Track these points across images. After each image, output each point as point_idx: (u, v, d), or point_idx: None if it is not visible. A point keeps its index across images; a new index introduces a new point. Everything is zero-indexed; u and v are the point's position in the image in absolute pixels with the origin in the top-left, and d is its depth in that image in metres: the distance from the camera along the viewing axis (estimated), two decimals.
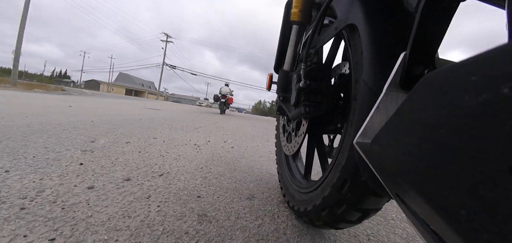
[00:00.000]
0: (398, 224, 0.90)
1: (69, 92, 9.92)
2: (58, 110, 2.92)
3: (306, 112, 0.64)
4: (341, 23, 0.58)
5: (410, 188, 0.24)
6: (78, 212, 0.65)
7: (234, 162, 1.50)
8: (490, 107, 0.16)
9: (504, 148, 0.15)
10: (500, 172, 0.15)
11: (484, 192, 0.16)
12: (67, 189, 0.78)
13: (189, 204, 0.80)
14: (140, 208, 0.72)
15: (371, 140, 0.32)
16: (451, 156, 0.19)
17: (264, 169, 1.44)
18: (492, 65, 0.17)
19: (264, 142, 2.69)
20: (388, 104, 0.32)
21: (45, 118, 2.13)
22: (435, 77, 0.23)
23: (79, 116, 2.61)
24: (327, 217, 0.58)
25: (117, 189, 0.83)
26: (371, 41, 0.47)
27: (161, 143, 1.73)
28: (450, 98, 0.20)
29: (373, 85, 0.45)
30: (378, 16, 0.49)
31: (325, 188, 0.57)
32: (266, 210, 0.85)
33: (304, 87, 0.64)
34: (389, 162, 0.27)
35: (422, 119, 0.23)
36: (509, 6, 0.21)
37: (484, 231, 0.17)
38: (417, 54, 0.33)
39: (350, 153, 0.50)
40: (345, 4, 0.58)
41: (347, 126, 0.54)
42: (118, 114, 3.31)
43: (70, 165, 1.00)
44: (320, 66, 0.67)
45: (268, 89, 1.09)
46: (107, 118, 2.74)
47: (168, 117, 3.95)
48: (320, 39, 0.71)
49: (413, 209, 0.26)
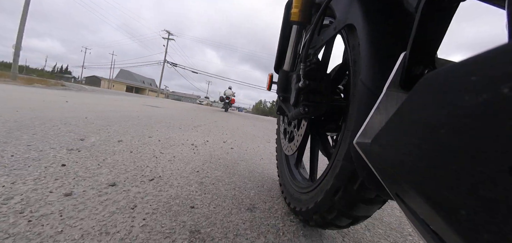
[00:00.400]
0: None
1: (68, 88, 9.79)
2: (53, 105, 2.82)
3: (305, 112, 0.64)
4: (340, 23, 0.59)
5: (410, 188, 0.24)
6: (46, 226, 0.55)
7: (233, 165, 1.40)
8: (490, 107, 0.16)
9: (504, 148, 0.15)
10: (500, 172, 0.15)
11: (484, 192, 0.16)
12: (41, 196, 0.68)
13: (181, 216, 0.70)
14: (122, 222, 0.61)
15: (371, 140, 0.31)
16: (451, 156, 0.19)
17: (266, 174, 1.33)
18: (492, 65, 0.17)
19: (265, 142, 2.58)
20: (388, 104, 0.32)
21: (37, 113, 2.03)
22: (435, 77, 0.23)
23: (74, 111, 2.50)
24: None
25: (98, 197, 0.72)
26: (369, 41, 0.48)
27: (156, 143, 1.62)
28: (450, 98, 0.20)
29: (371, 85, 0.45)
30: (376, 16, 0.49)
31: (319, 193, 0.60)
32: (270, 225, 0.74)
33: (303, 87, 0.64)
34: (389, 162, 0.27)
35: (422, 119, 0.23)
36: (509, 6, 0.21)
37: (484, 231, 0.16)
38: (417, 54, 0.33)
39: (344, 162, 0.50)
40: (344, 4, 0.58)
41: (345, 130, 0.54)
42: (115, 111, 3.19)
43: (51, 167, 0.90)
44: (319, 66, 0.68)
45: (268, 89, 1.10)
46: (103, 114, 2.63)
47: (167, 115, 3.80)
48: (320, 39, 0.71)
49: (413, 209, 0.26)
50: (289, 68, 0.83)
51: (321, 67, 0.68)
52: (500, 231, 0.16)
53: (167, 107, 6.21)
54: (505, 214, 0.15)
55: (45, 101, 3.20)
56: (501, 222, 0.15)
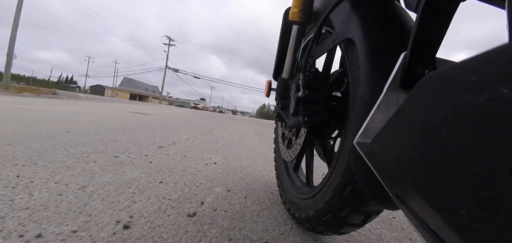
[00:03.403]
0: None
1: (59, 96, 9.33)
2: (10, 116, 2.30)
3: (305, 122, 0.64)
4: (338, 37, 0.59)
5: (410, 188, 0.24)
6: None
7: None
8: (490, 107, 0.16)
9: (504, 148, 0.15)
10: (500, 172, 0.15)
11: (484, 192, 0.16)
12: None
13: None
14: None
15: (371, 140, 0.31)
16: (451, 156, 0.19)
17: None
18: (492, 65, 0.17)
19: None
20: (389, 104, 0.32)
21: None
22: (435, 77, 0.23)
23: (21, 123, 1.96)
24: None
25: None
26: (369, 58, 0.47)
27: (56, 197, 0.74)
28: (450, 98, 0.20)
29: (371, 101, 0.44)
30: (375, 32, 0.48)
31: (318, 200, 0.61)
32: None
33: (302, 97, 0.65)
34: (389, 162, 0.27)
35: (422, 119, 0.23)
36: (509, 6, 0.21)
37: (484, 231, 0.16)
38: (417, 54, 0.33)
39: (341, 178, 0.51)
40: (343, 17, 0.58)
41: (342, 148, 0.55)
42: (84, 120, 2.65)
43: None
44: (318, 76, 0.68)
45: (267, 96, 1.08)
46: (57, 125, 2.08)
47: (147, 125, 3.04)
48: (318, 50, 0.71)
49: (413, 209, 0.26)
50: (288, 76, 0.82)
51: (321, 77, 0.68)
52: (500, 231, 0.16)
53: (157, 114, 5.62)
54: (505, 214, 0.15)
55: (11, 111, 2.75)
56: (501, 222, 0.15)
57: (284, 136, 0.97)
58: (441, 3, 0.32)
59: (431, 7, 0.32)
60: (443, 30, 0.33)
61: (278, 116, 0.93)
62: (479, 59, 0.17)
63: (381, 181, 0.30)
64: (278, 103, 0.87)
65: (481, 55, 0.17)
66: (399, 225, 0.94)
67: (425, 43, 0.32)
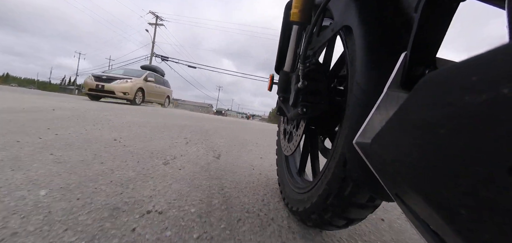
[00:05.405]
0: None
1: (14, 90, 7.56)
2: None
3: (303, 113, 0.65)
4: (337, 25, 0.59)
5: (410, 188, 0.24)
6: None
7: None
8: (490, 107, 0.16)
9: (504, 148, 0.15)
10: (500, 172, 0.15)
11: (484, 192, 0.16)
12: None
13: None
14: None
15: (371, 140, 0.31)
16: (451, 156, 0.19)
17: None
18: (492, 65, 0.17)
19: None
20: (389, 104, 0.32)
21: None
22: (435, 77, 0.23)
23: None
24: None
25: None
26: (364, 43, 0.48)
27: None
28: (450, 98, 0.20)
29: (366, 87, 0.44)
30: (373, 18, 0.49)
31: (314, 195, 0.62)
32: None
33: (302, 87, 0.65)
34: (389, 162, 0.27)
35: (422, 119, 0.23)
36: (509, 6, 0.21)
37: (484, 231, 0.17)
38: (418, 54, 0.33)
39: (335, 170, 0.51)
40: (341, 6, 0.58)
41: (340, 131, 0.55)
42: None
43: None
44: (318, 67, 0.68)
45: (269, 90, 1.08)
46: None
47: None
48: (319, 40, 0.71)
49: (413, 209, 0.26)
50: (289, 69, 0.83)
51: (321, 68, 0.68)
52: (500, 231, 0.16)
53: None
54: (505, 214, 0.15)
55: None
56: (501, 222, 0.16)
57: (286, 131, 0.98)
58: (441, 3, 0.32)
59: (431, 7, 0.32)
60: (443, 30, 0.33)
61: (279, 110, 0.93)
62: (480, 59, 0.18)
63: (381, 181, 0.30)
64: (280, 97, 0.87)
65: (481, 55, 0.18)
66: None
67: (425, 43, 0.33)
